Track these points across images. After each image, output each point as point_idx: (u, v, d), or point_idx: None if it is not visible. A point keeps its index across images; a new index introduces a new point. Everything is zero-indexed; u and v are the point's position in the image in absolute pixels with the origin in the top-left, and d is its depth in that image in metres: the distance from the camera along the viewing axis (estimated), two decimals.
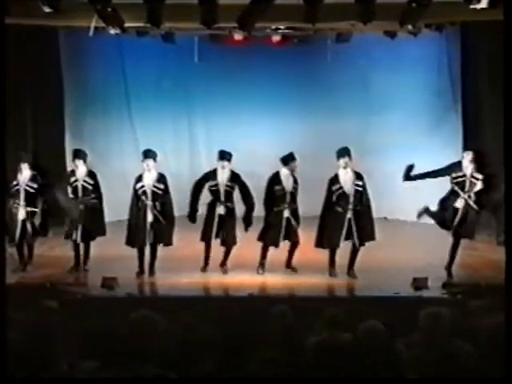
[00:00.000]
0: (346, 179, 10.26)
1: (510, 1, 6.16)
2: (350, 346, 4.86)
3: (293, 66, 15.10)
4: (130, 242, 10.45)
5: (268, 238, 10.43)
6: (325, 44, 14.09)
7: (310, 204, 10.92)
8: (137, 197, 10.40)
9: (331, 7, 10.03)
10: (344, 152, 10.31)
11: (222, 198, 10.42)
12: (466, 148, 14.32)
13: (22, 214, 10.48)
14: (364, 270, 10.43)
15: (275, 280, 10.13)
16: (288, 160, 10.45)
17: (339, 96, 15.05)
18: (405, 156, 14.56)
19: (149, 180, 10.39)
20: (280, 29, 13.00)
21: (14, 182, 10.53)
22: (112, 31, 10.82)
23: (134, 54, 14.87)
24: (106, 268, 10.60)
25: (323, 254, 10.60)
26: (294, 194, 10.46)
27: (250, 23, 10.30)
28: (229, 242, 10.46)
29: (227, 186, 10.43)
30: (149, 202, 10.32)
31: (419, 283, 9.48)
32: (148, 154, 10.50)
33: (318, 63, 14.94)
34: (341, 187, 10.22)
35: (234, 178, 10.49)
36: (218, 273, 10.37)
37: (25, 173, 10.57)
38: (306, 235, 10.72)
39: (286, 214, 10.37)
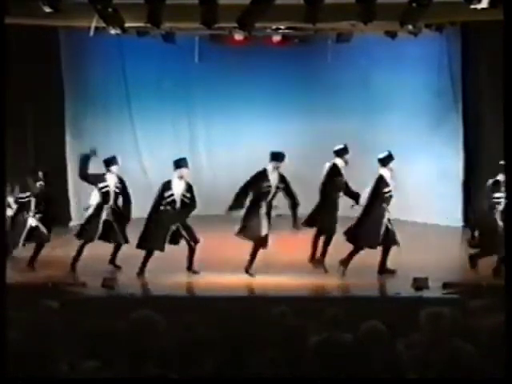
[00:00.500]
0: (391, 182, 10.48)
1: (510, 1, 6.16)
2: (351, 346, 4.86)
3: (293, 66, 15.11)
4: (144, 245, 10.44)
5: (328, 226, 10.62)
6: (325, 44, 14.10)
7: (311, 204, 10.92)
8: (162, 204, 10.43)
9: (332, 7, 10.03)
10: (392, 157, 10.53)
11: (269, 198, 10.49)
12: (466, 148, 14.41)
13: (32, 222, 10.75)
14: (364, 270, 10.44)
15: (275, 280, 10.12)
16: (342, 152, 10.66)
17: (340, 96, 15.06)
18: (405, 156, 14.58)
19: (178, 189, 10.46)
20: (280, 29, 13.01)
21: (26, 194, 10.78)
22: (112, 31, 10.82)
23: (134, 54, 14.88)
24: (106, 268, 10.62)
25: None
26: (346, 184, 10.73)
27: (251, 23, 10.30)
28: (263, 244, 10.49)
29: (277, 187, 10.52)
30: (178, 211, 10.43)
31: (419, 283, 9.47)
32: (182, 163, 10.55)
33: (318, 63, 14.95)
34: (390, 190, 10.43)
35: (283, 179, 10.58)
36: (217, 273, 10.36)
37: (36, 184, 10.83)
38: (307, 235, 10.73)
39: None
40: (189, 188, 10.50)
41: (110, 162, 10.81)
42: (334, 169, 10.65)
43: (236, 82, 15.09)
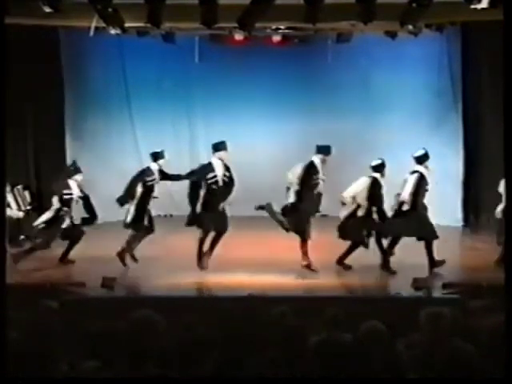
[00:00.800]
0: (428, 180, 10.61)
1: (510, 1, 6.16)
2: (351, 346, 4.86)
3: (293, 66, 15.11)
4: (194, 222, 10.51)
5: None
6: (325, 44, 14.10)
7: None
8: (205, 184, 10.53)
9: (332, 7, 10.03)
10: (427, 155, 10.72)
11: (316, 191, 10.65)
12: (466, 148, 14.42)
13: (69, 221, 10.91)
14: (364, 269, 10.44)
15: (275, 280, 10.12)
16: (380, 168, 10.73)
17: (340, 96, 15.06)
18: (405, 156, 14.58)
19: (220, 171, 10.59)
20: (280, 29, 13.01)
21: (68, 191, 10.87)
22: (112, 31, 10.82)
23: (134, 54, 14.88)
24: (106, 268, 10.61)
25: (322, 254, 10.61)
26: None
27: (251, 23, 10.30)
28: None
29: (323, 180, 10.68)
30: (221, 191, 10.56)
31: (419, 283, 9.47)
32: (221, 147, 10.67)
33: (318, 63, 14.95)
34: (428, 188, 10.58)
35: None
36: (218, 273, 10.36)
37: (77, 184, 10.98)
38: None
39: None
40: (227, 168, 10.67)
41: (157, 156, 10.96)
42: (377, 183, 10.66)
43: (236, 81, 15.09)
